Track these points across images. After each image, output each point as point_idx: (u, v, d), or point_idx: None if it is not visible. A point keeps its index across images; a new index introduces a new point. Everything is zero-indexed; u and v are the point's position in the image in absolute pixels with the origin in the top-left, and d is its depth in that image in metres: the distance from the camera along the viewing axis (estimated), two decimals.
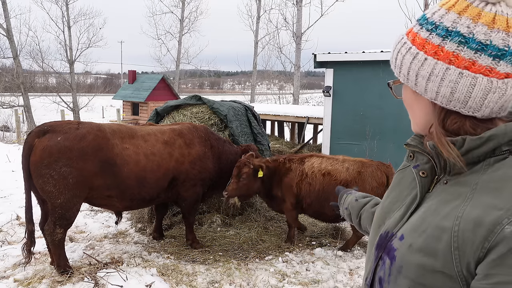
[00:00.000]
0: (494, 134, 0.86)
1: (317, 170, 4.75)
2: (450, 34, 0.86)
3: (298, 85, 18.96)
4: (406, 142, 1.07)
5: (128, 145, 4.17)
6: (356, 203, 1.55)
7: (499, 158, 0.86)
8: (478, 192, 0.84)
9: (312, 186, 4.72)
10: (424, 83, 0.89)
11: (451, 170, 0.92)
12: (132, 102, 20.34)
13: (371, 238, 1.10)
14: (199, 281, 3.99)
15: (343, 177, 4.66)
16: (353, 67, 6.19)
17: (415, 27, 0.94)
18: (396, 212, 1.02)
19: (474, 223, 0.79)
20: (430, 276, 0.83)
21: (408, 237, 0.90)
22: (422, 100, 0.94)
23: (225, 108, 5.90)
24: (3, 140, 15.36)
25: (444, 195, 0.90)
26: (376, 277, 0.98)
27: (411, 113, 1.00)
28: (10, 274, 4.03)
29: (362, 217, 1.50)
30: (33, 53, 24.20)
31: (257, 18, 25.05)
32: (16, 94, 22.63)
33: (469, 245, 0.78)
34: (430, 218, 0.88)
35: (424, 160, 1.00)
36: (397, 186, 1.09)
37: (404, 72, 0.94)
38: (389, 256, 0.94)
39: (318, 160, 4.83)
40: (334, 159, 4.89)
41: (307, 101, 35.83)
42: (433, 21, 0.89)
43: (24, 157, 3.81)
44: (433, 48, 0.87)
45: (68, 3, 24.77)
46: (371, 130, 6.08)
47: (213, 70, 31.83)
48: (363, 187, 4.54)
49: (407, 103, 1.00)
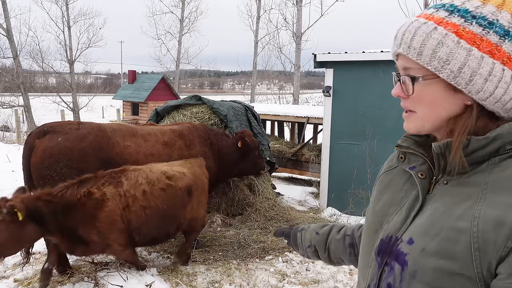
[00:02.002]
0: (499, 134, 0.86)
1: (150, 186, 3.60)
2: (507, 34, 0.84)
3: (298, 85, 18.97)
4: (397, 143, 1.05)
5: (129, 142, 4.16)
6: (318, 236, 1.42)
7: (504, 157, 0.86)
8: (491, 192, 0.83)
9: (149, 209, 3.58)
10: (481, 82, 0.84)
11: (452, 171, 0.91)
12: (132, 102, 20.36)
13: (366, 243, 1.07)
14: (199, 281, 3.99)
15: (185, 182, 3.88)
16: (353, 67, 6.19)
17: (453, 18, 0.87)
18: (395, 215, 0.99)
19: (495, 223, 0.78)
20: (447, 279, 0.82)
21: (419, 241, 0.88)
22: (457, 99, 0.88)
23: (225, 108, 5.90)
24: (3, 140, 15.36)
25: (450, 196, 0.89)
26: (383, 284, 0.94)
27: (427, 111, 0.92)
28: (10, 274, 4.04)
29: (330, 249, 1.39)
30: (33, 53, 24.23)
31: (257, 18, 25.06)
32: (16, 94, 22.63)
33: (491, 245, 0.78)
34: (441, 220, 0.86)
35: (419, 162, 0.99)
36: (387, 188, 1.07)
37: (453, 68, 0.85)
38: (399, 261, 0.90)
39: (142, 173, 3.64)
40: (157, 166, 3.88)
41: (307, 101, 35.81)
42: (485, 17, 0.85)
43: (24, 158, 3.81)
44: (488, 46, 0.84)
45: (68, 3, 24.77)
46: (371, 130, 6.08)
47: (213, 70, 31.87)
48: (200, 186, 4.11)
49: (426, 100, 0.91)
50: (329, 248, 1.39)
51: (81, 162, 3.83)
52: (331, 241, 1.39)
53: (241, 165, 5.10)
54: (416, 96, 0.92)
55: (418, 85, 0.90)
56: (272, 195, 6.21)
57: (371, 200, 1.14)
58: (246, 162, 5.10)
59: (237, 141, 4.98)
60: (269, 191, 6.24)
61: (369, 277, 1.00)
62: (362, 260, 1.08)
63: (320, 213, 6.46)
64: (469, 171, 0.89)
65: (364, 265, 1.06)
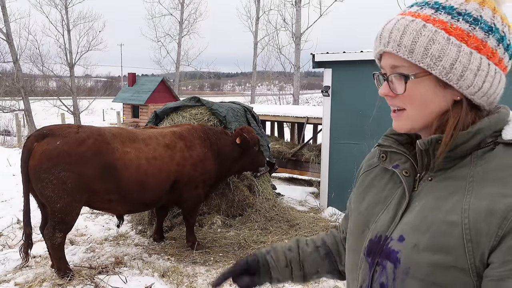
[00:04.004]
0: (481, 128, 0.88)
1: None
2: (491, 30, 0.87)
3: (298, 85, 18.98)
4: (379, 143, 1.06)
5: (129, 149, 4.15)
6: (291, 253, 1.29)
7: (486, 149, 0.88)
8: (477, 184, 0.85)
9: None
10: (472, 77, 0.86)
11: (435, 167, 0.93)
12: (132, 104, 20.32)
13: (352, 245, 1.06)
14: (199, 282, 3.99)
15: None
16: (352, 67, 6.19)
17: (440, 15, 0.88)
18: (381, 215, 0.99)
19: (485, 213, 0.80)
20: (441, 272, 0.83)
21: (410, 237, 0.88)
22: (446, 95, 0.89)
23: (224, 109, 5.90)
24: (4, 144, 15.38)
25: (436, 192, 0.90)
26: (375, 284, 0.95)
27: (419, 108, 0.92)
28: (11, 277, 4.04)
29: (305, 264, 1.28)
30: (33, 57, 24.18)
31: (256, 19, 25.04)
32: (16, 98, 22.62)
33: (484, 235, 0.79)
34: (431, 215, 0.87)
35: (402, 160, 1.00)
36: (369, 188, 1.08)
37: (445, 64, 0.86)
38: (391, 259, 0.91)
39: None
40: None
41: (307, 101, 35.84)
42: (470, 13, 0.86)
43: (23, 161, 3.81)
44: (475, 41, 0.86)
45: (67, 7, 24.79)
46: (370, 129, 6.07)
47: (213, 72, 31.73)
48: None
49: (418, 98, 0.90)
50: (303, 264, 1.28)
51: (80, 166, 3.82)
52: (304, 256, 1.29)
53: (241, 161, 5.09)
54: (407, 94, 0.91)
55: (409, 83, 0.90)
56: (272, 196, 6.21)
57: (352, 201, 1.14)
58: (246, 158, 5.09)
59: (235, 137, 4.97)
60: (269, 192, 6.23)
61: (360, 278, 1.00)
62: (350, 262, 1.07)
63: (320, 213, 6.45)
64: (452, 166, 0.91)
65: (353, 266, 1.05)
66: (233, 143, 4.97)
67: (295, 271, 1.28)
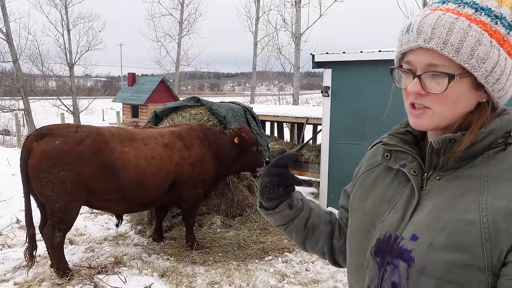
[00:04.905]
0: (493, 129, 0.89)
1: None
2: None
3: (297, 85, 18.97)
4: (384, 142, 1.04)
5: (128, 148, 4.16)
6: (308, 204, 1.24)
7: (497, 150, 0.90)
8: (493, 184, 0.85)
9: None
10: (505, 81, 0.88)
11: (443, 166, 0.93)
12: (132, 104, 20.29)
13: (356, 244, 1.04)
14: (198, 282, 3.99)
15: None
16: (352, 67, 6.18)
17: (480, 16, 0.86)
18: (388, 214, 0.98)
19: (504, 212, 0.80)
20: (458, 271, 0.83)
21: (424, 236, 0.87)
22: (475, 96, 0.90)
23: (223, 109, 5.90)
24: (3, 144, 15.38)
25: (448, 191, 0.90)
26: (385, 284, 0.93)
27: (450, 108, 0.89)
28: (10, 277, 4.04)
29: (312, 213, 1.24)
30: (32, 57, 24.13)
31: (256, 19, 25.02)
32: (16, 98, 22.59)
33: (503, 234, 0.79)
34: (446, 214, 0.87)
35: (409, 159, 0.99)
36: (373, 187, 1.07)
37: (487, 67, 0.85)
38: (403, 258, 0.89)
39: None
40: None
41: (307, 101, 35.87)
42: (505, 18, 0.86)
43: (22, 160, 3.82)
44: (509, 46, 0.87)
45: (67, 7, 24.77)
46: (370, 130, 6.07)
47: (212, 72, 31.70)
48: None
49: (453, 98, 0.88)
50: (311, 212, 1.25)
51: (79, 166, 3.83)
52: (312, 206, 1.26)
53: (240, 161, 5.09)
54: (443, 94, 0.87)
55: (452, 83, 0.87)
56: None
57: (354, 199, 1.12)
58: (245, 158, 5.09)
59: (233, 137, 4.98)
60: None
61: (367, 278, 0.98)
62: (354, 262, 1.05)
63: None
64: (462, 165, 0.91)
65: (356, 266, 1.03)
66: (231, 143, 4.96)
67: (304, 211, 1.22)
